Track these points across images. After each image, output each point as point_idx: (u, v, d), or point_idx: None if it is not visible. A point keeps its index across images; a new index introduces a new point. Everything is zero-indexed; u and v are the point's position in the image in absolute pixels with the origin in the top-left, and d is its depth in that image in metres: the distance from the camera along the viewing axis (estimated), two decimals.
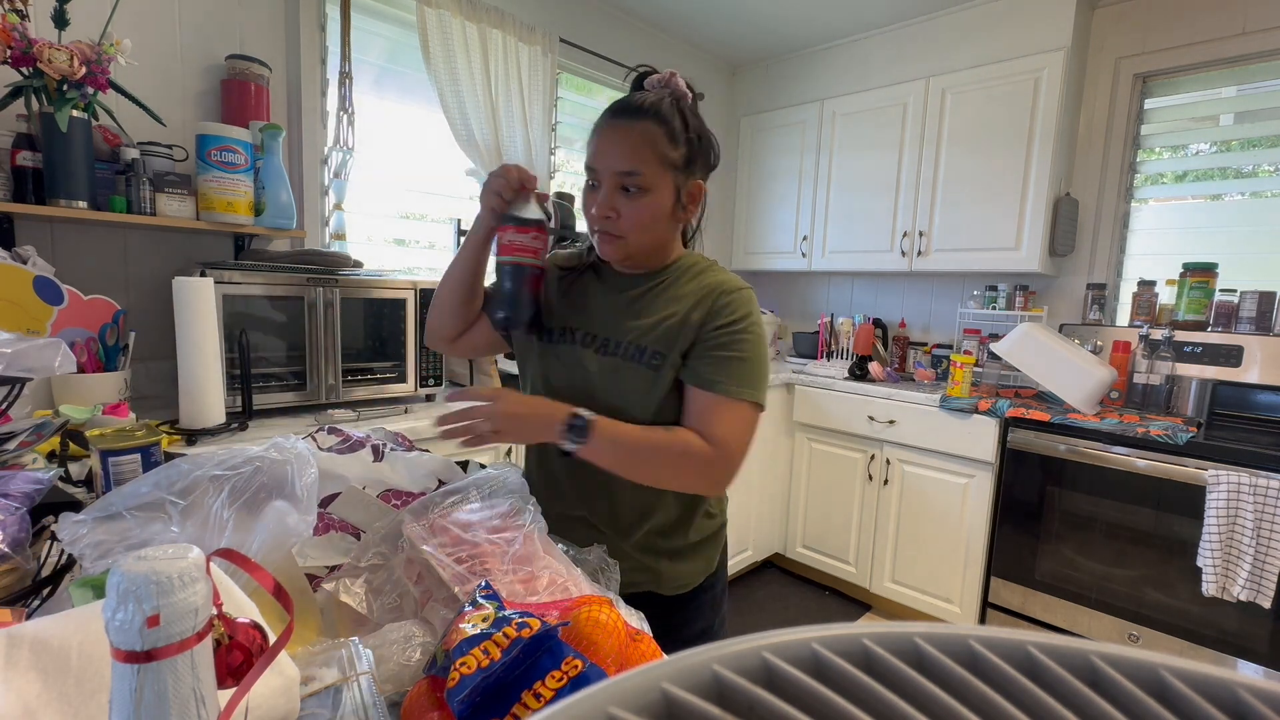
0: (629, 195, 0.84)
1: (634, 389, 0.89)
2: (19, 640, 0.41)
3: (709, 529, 0.99)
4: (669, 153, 0.84)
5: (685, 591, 0.98)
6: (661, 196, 0.85)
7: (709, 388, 0.86)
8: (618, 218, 0.85)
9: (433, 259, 2.29)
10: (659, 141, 0.83)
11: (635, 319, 0.91)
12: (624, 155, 0.83)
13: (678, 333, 0.88)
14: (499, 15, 2.16)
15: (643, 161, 0.83)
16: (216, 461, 0.65)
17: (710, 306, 0.88)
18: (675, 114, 0.85)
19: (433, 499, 0.72)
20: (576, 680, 0.46)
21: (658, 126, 0.83)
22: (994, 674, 0.18)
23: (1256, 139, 2.19)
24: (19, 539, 0.62)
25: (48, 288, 1.29)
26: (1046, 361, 2.10)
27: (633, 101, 0.85)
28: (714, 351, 0.87)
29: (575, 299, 0.97)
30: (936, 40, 2.54)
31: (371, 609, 0.63)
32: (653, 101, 0.85)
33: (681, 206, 0.89)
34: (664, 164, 0.84)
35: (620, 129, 0.84)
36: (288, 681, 0.45)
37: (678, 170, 0.86)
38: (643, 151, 0.83)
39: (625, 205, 0.84)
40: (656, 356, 0.88)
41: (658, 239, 0.90)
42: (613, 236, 0.87)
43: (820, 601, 2.64)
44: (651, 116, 0.83)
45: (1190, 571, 1.79)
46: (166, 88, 1.62)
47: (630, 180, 0.83)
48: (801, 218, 2.99)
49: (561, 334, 0.95)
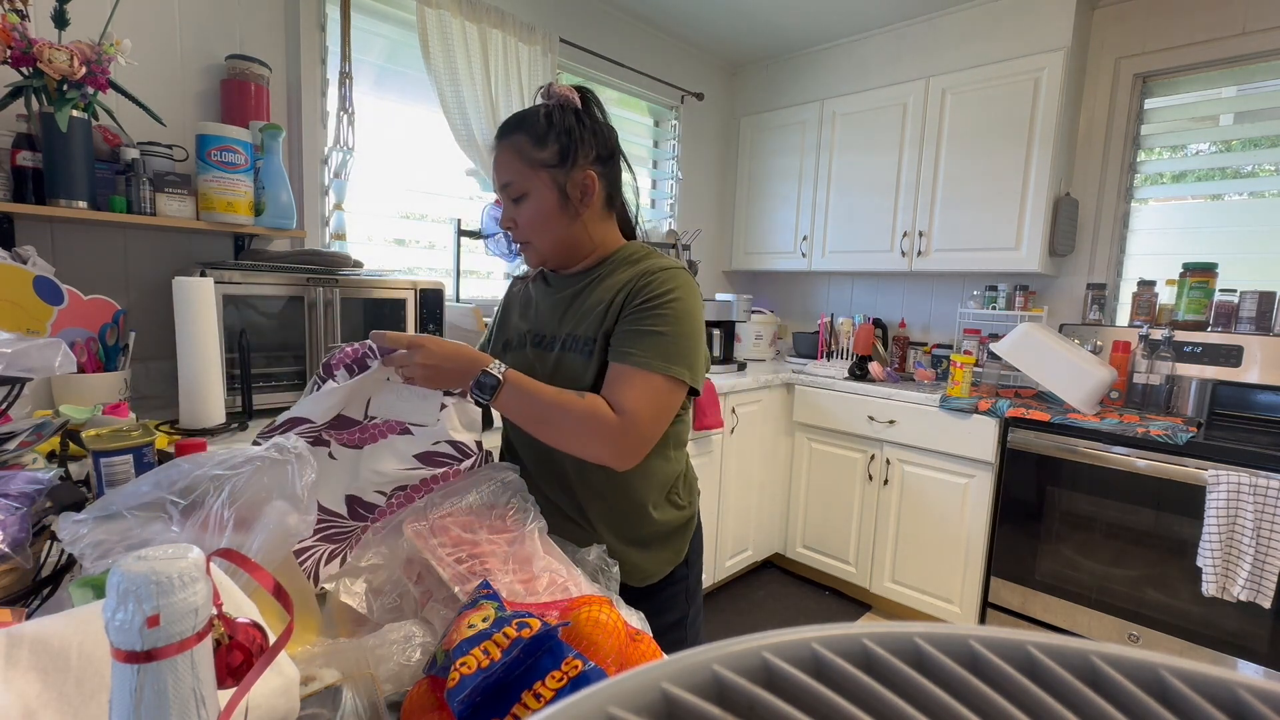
0: (517, 204, 0.92)
1: (571, 376, 0.92)
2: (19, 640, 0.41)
3: (677, 520, 1.01)
4: (536, 154, 0.89)
5: (653, 582, 0.99)
6: (541, 197, 0.90)
7: (621, 359, 0.87)
8: (516, 227, 0.94)
9: (433, 259, 2.29)
10: (524, 148, 0.90)
11: (575, 311, 0.96)
12: (500, 171, 0.92)
13: (603, 316, 0.91)
14: (499, 15, 2.16)
15: (513, 172, 0.90)
16: (216, 461, 0.64)
17: (634, 286, 0.91)
18: (540, 118, 0.90)
19: (432, 499, 0.72)
20: (576, 680, 0.46)
21: (523, 135, 0.90)
22: (994, 674, 0.18)
23: (1256, 139, 2.19)
24: (19, 539, 0.62)
25: (48, 288, 1.29)
26: (1046, 361, 2.10)
27: (505, 124, 0.93)
28: (631, 326, 0.88)
29: (528, 309, 1.04)
30: (936, 40, 2.54)
31: (371, 609, 0.63)
32: (521, 114, 0.92)
33: (569, 199, 0.91)
34: (534, 166, 0.90)
35: (497, 149, 0.92)
36: (288, 681, 0.45)
37: (552, 168, 0.90)
38: (512, 163, 0.90)
39: (518, 214, 0.93)
40: (589, 343, 0.92)
41: (561, 236, 0.93)
42: (523, 244, 0.95)
43: (820, 601, 2.64)
44: (515, 129, 0.91)
45: (1190, 571, 1.79)
46: (166, 88, 1.62)
47: (509, 191, 0.92)
48: (801, 218, 2.99)
49: (520, 339, 1.01)
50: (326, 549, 0.76)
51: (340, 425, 0.83)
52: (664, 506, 0.99)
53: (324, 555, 0.76)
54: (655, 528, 0.98)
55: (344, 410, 0.82)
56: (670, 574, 1.00)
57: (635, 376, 0.85)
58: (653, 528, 0.97)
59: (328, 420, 0.81)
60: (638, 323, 0.87)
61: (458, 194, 2.32)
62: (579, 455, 0.87)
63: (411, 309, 1.71)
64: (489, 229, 2.20)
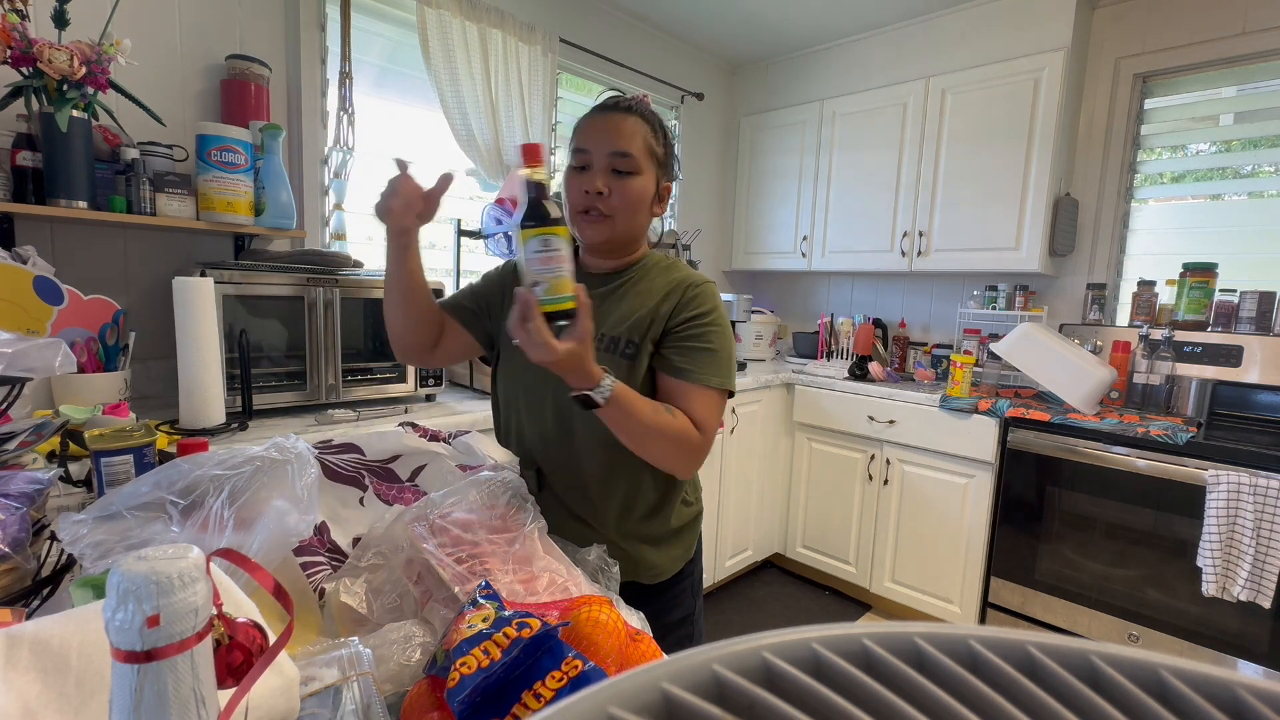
0: (620, 177, 0.90)
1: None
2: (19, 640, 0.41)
3: (687, 516, 1.04)
4: (654, 146, 0.93)
5: (665, 579, 1.00)
6: (647, 181, 0.92)
7: (683, 377, 0.91)
8: (609, 195, 0.90)
9: (433, 259, 2.29)
10: (647, 134, 0.92)
11: (609, 314, 0.95)
12: (619, 139, 0.89)
13: (648, 323, 0.93)
14: (499, 15, 2.16)
15: (637, 147, 0.90)
16: (216, 461, 0.65)
17: (679, 299, 0.94)
18: (656, 120, 0.95)
19: (432, 499, 0.72)
20: (576, 680, 0.46)
21: (645, 123, 0.92)
22: (994, 674, 0.18)
23: (1256, 139, 2.19)
24: (19, 539, 0.62)
25: (48, 288, 1.29)
26: (1046, 361, 2.10)
27: (621, 101, 0.93)
28: (685, 343, 0.92)
29: None
30: (936, 40, 2.54)
31: (371, 609, 0.63)
32: (636, 105, 0.94)
33: (658, 200, 0.96)
34: (651, 154, 0.92)
35: (613, 118, 0.91)
36: (288, 681, 0.45)
37: (659, 165, 0.94)
38: (634, 139, 0.90)
39: (616, 185, 0.90)
40: (630, 346, 0.93)
41: (638, 226, 0.96)
42: (601, 216, 0.92)
43: (820, 601, 2.64)
44: (639, 114, 0.92)
45: (1190, 571, 1.79)
46: (166, 88, 1.61)
47: (623, 162, 0.89)
48: (801, 218, 2.99)
49: None
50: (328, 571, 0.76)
51: (385, 476, 0.83)
52: (678, 505, 1.02)
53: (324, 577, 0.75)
54: (670, 526, 1.00)
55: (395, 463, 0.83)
56: (680, 570, 1.03)
57: (702, 394, 0.91)
58: (667, 526, 1.00)
59: (379, 460, 0.82)
60: (693, 340, 0.92)
61: (458, 194, 2.32)
62: (659, 466, 0.91)
63: None
64: (489, 229, 2.20)
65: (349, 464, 0.82)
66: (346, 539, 0.75)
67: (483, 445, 0.94)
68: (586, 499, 0.95)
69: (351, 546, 0.75)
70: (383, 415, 1.59)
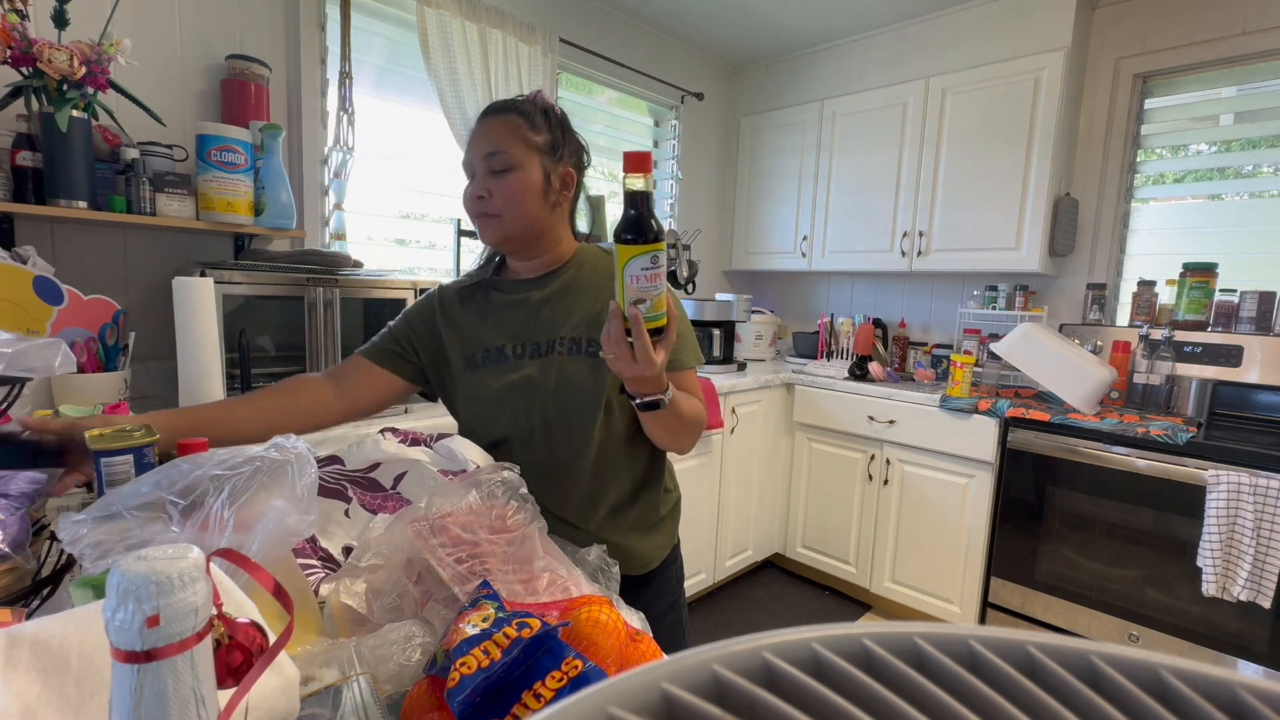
0: (498, 176, 0.90)
1: (582, 380, 0.93)
2: (19, 640, 0.41)
3: (669, 503, 1.06)
4: (531, 136, 0.91)
5: (652, 568, 1.02)
6: (529, 173, 0.91)
7: (671, 366, 0.93)
8: (490, 197, 0.91)
9: (433, 259, 2.29)
10: (520, 127, 0.91)
11: (554, 317, 0.96)
12: (488, 140, 0.90)
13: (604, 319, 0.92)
14: (499, 15, 2.16)
15: (505, 143, 0.90)
16: (216, 461, 0.64)
17: None
18: (535, 109, 0.93)
19: (432, 500, 0.72)
20: (576, 680, 0.46)
21: (519, 117, 0.92)
22: (994, 674, 0.18)
23: (1256, 139, 2.19)
24: (19, 539, 0.62)
25: (48, 288, 1.29)
26: (1046, 361, 2.10)
27: (496, 103, 0.94)
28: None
29: (489, 320, 1.00)
30: (936, 40, 2.54)
31: (371, 609, 0.63)
32: (509, 102, 0.94)
33: (554, 189, 0.94)
34: (527, 145, 0.91)
35: (484, 124, 0.92)
36: (288, 681, 0.45)
37: (543, 153, 0.92)
38: (505, 136, 0.90)
39: (495, 184, 0.90)
40: (593, 344, 0.93)
41: (533, 218, 0.93)
42: (489, 216, 0.92)
43: (820, 601, 2.64)
44: (512, 111, 0.92)
45: (1190, 571, 1.79)
46: (166, 88, 1.62)
47: (495, 160, 0.90)
48: (801, 218, 3.00)
49: (485, 355, 0.97)
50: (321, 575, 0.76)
51: (368, 486, 0.83)
52: (660, 493, 1.04)
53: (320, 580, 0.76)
54: (657, 514, 1.03)
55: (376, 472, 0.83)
56: (665, 558, 1.04)
57: (689, 375, 0.96)
58: (655, 515, 1.02)
59: (359, 470, 0.82)
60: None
61: (458, 194, 2.31)
62: (672, 448, 0.96)
63: None
64: None
65: (331, 476, 0.82)
66: (337, 548, 0.76)
67: (464, 449, 0.94)
68: (573, 501, 0.96)
69: (343, 555, 0.75)
70: (383, 415, 1.59)
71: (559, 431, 0.94)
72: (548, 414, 0.94)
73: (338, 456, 0.85)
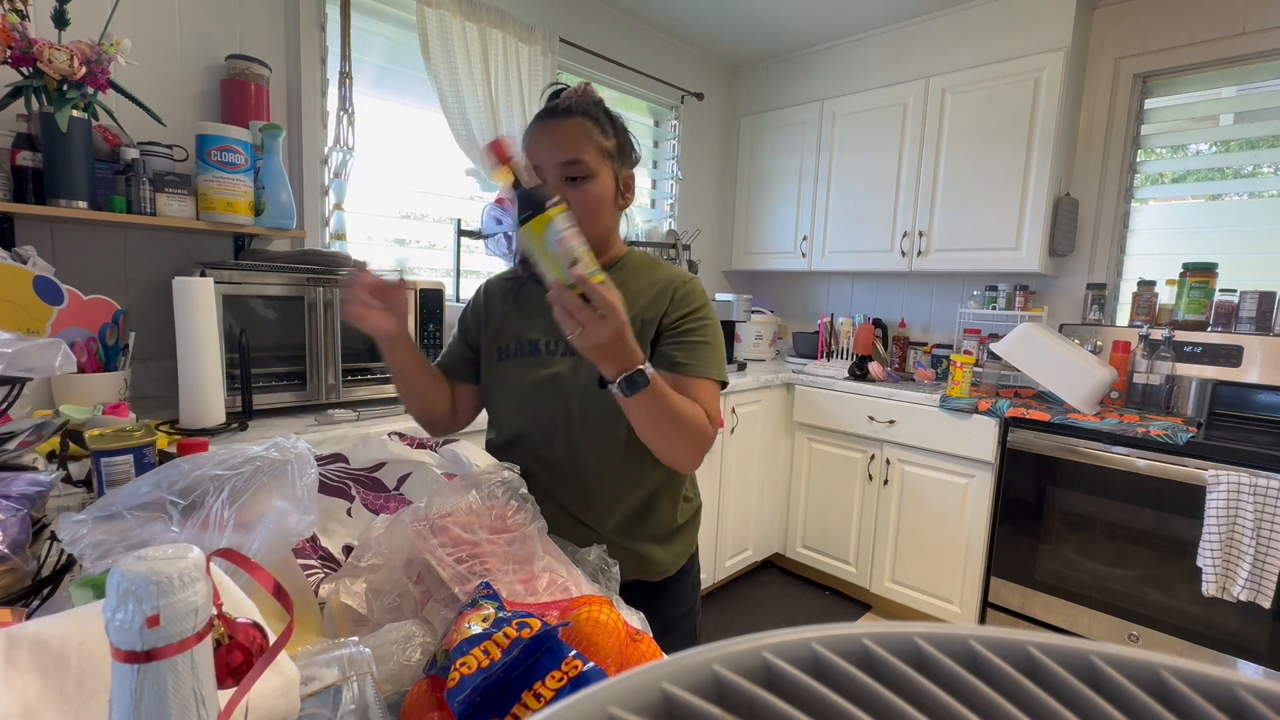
0: (574, 185, 0.88)
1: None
2: (19, 640, 0.41)
3: (688, 512, 1.05)
4: (603, 142, 0.90)
5: (670, 575, 1.01)
6: (605, 181, 0.90)
7: (685, 371, 0.91)
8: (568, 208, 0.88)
9: (433, 259, 2.29)
10: (593, 132, 0.89)
11: None
12: (564, 146, 0.87)
13: (639, 325, 0.91)
14: (499, 15, 2.16)
15: (582, 150, 0.88)
16: (216, 461, 0.64)
17: (671, 297, 0.94)
18: (599, 111, 0.92)
19: (432, 500, 0.72)
20: (576, 680, 0.46)
21: (590, 122, 0.89)
22: (994, 674, 0.18)
23: (1256, 139, 2.19)
24: (19, 540, 0.62)
25: (48, 288, 1.29)
26: (1046, 361, 2.10)
27: (559, 104, 0.90)
28: (682, 338, 0.92)
29: (526, 311, 0.99)
30: (936, 40, 2.54)
31: (371, 609, 0.63)
32: (576, 103, 0.91)
33: (621, 194, 0.94)
34: (601, 152, 0.90)
35: (555, 125, 0.89)
36: (288, 681, 0.45)
37: (613, 159, 0.92)
38: (580, 142, 0.88)
39: (573, 194, 0.88)
40: None
41: (605, 227, 0.94)
42: None
43: (820, 601, 2.64)
44: (580, 114, 0.90)
45: (1190, 571, 1.79)
46: (166, 88, 1.61)
47: (574, 169, 0.88)
48: (801, 218, 3.00)
49: (519, 347, 0.97)
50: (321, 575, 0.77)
51: (372, 486, 0.83)
52: (680, 501, 1.03)
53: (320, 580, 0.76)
54: (674, 523, 1.01)
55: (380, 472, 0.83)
56: (683, 565, 1.04)
57: (705, 386, 0.91)
58: (673, 524, 1.01)
59: (363, 469, 0.82)
60: (689, 335, 0.92)
61: (458, 194, 2.32)
62: (670, 458, 0.89)
63: (411, 309, 1.71)
64: (489, 229, 2.20)
65: (335, 474, 0.82)
66: (337, 548, 0.76)
67: (469, 453, 0.94)
68: (591, 503, 0.95)
69: (343, 554, 0.75)
70: (383, 415, 1.59)
71: (583, 432, 0.93)
72: (573, 414, 0.92)
73: (342, 455, 0.85)
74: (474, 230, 2.24)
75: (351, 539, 0.77)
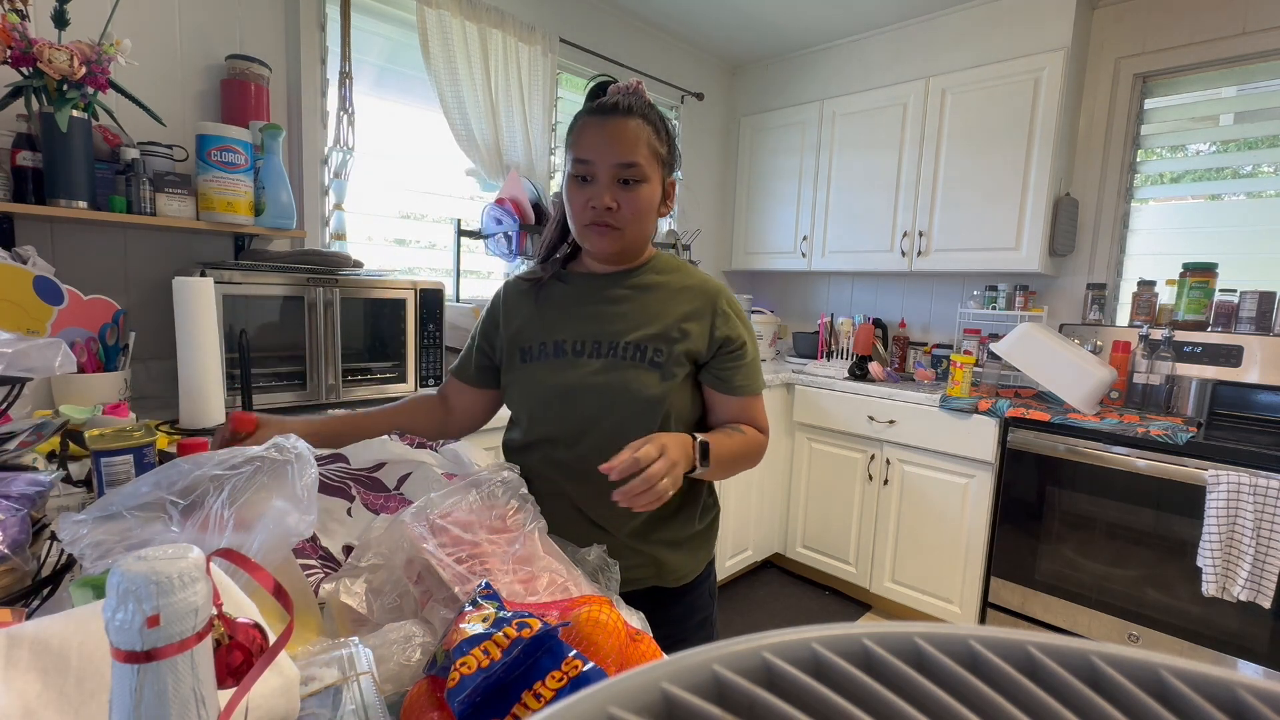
0: (627, 187, 0.88)
1: (639, 388, 0.89)
2: (19, 640, 0.41)
3: (707, 518, 1.03)
4: (659, 148, 0.90)
5: (688, 581, 0.99)
6: (654, 189, 0.91)
7: (745, 393, 0.96)
8: (618, 209, 0.88)
9: (433, 259, 2.29)
10: (650, 137, 0.89)
11: (625, 319, 0.93)
12: (624, 148, 0.86)
13: (676, 336, 0.92)
14: (499, 15, 2.16)
15: (640, 154, 0.87)
16: (216, 461, 0.64)
17: (713, 316, 0.94)
18: (656, 115, 0.91)
19: (432, 500, 0.72)
20: (576, 680, 0.46)
21: (648, 125, 0.89)
22: (994, 674, 0.18)
23: (1256, 139, 2.19)
24: (19, 540, 0.62)
25: (48, 288, 1.29)
26: (1046, 361, 2.10)
27: (620, 101, 0.89)
28: (736, 362, 0.96)
29: (550, 312, 0.98)
30: (936, 40, 2.54)
31: (371, 609, 0.63)
32: (635, 103, 0.89)
33: (663, 201, 0.95)
34: (655, 157, 0.89)
35: (615, 124, 0.87)
36: (288, 681, 0.45)
37: (664, 166, 0.92)
38: (639, 146, 0.87)
39: (624, 197, 0.88)
40: (659, 354, 0.91)
41: (647, 232, 0.94)
42: (610, 229, 0.89)
43: (820, 601, 2.64)
44: (640, 115, 0.88)
45: (1190, 571, 1.79)
46: (166, 88, 1.62)
47: (630, 172, 0.87)
48: (801, 218, 2.99)
49: (542, 348, 0.95)
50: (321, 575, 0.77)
51: (372, 486, 0.83)
52: (700, 506, 1.01)
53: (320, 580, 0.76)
54: (693, 527, 0.99)
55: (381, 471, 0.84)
56: (702, 571, 1.02)
57: (758, 401, 0.98)
58: (695, 529, 0.99)
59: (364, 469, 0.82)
60: (739, 358, 0.96)
61: (458, 194, 2.32)
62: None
63: (411, 309, 1.72)
64: (489, 229, 2.20)
65: (335, 474, 0.82)
66: (337, 548, 0.76)
67: (470, 453, 0.94)
68: (611, 510, 0.91)
69: (344, 554, 0.75)
70: None
71: (610, 437, 0.89)
72: (602, 420, 0.90)
73: (342, 455, 0.85)
74: (474, 230, 2.24)
75: (351, 539, 0.77)
